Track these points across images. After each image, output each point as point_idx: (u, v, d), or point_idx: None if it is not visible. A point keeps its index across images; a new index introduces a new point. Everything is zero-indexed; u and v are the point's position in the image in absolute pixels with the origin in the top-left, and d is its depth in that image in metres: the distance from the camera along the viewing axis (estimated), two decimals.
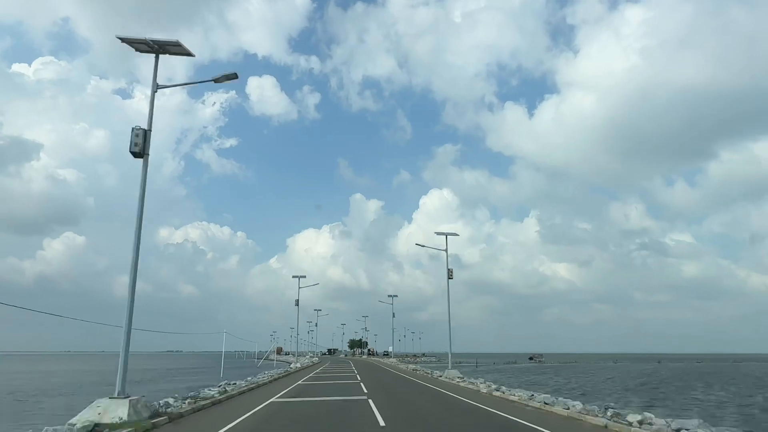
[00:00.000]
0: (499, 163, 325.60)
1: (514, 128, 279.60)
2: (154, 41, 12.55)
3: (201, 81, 14.76)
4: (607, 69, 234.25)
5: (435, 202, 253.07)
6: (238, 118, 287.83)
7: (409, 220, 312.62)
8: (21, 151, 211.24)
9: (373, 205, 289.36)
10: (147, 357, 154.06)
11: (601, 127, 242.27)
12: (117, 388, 11.07)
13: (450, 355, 31.88)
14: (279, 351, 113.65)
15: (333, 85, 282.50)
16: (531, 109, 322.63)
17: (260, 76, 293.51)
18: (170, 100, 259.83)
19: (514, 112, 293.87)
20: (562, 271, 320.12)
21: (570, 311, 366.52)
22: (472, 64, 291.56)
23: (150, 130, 12.49)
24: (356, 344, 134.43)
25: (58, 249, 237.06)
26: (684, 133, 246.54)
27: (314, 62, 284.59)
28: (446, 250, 31.46)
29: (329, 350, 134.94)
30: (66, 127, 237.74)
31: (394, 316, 65.64)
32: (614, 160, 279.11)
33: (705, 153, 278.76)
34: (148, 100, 12.93)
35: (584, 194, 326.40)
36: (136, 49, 12.95)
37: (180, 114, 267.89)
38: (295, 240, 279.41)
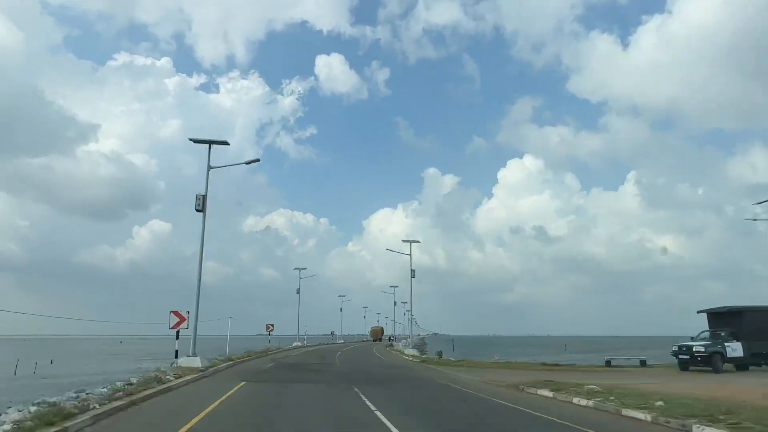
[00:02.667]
0: (587, 114, 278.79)
1: (603, 65, 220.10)
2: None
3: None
4: None
5: (515, 174, 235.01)
6: (313, 104, 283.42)
7: (489, 195, 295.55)
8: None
9: (449, 181, 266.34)
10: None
11: (726, 39, 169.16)
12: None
13: None
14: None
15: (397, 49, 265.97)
16: (625, 36, 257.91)
17: (328, 54, 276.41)
18: (249, 93, 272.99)
19: (603, 42, 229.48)
20: (667, 244, 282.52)
21: (675, 289, 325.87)
22: None
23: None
24: None
25: (145, 236, 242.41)
26: None
27: (380, 32, 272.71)
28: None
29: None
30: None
31: None
32: (743, 84, 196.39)
33: None
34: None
35: (698, 142, 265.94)
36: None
37: (261, 105, 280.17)
38: (371, 221, 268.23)
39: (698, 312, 23.80)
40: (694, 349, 20.41)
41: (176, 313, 20.45)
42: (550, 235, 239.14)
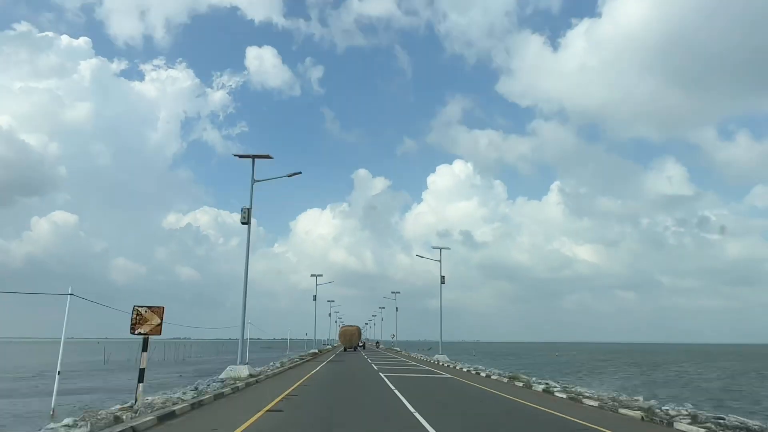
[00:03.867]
0: (515, 117, 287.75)
1: (533, 66, 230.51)
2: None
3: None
4: None
5: (445, 180, 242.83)
6: (244, 99, 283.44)
7: (419, 200, 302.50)
8: None
9: (380, 183, 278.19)
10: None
11: (654, 45, 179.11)
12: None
13: None
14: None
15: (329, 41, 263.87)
16: (555, 38, 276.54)
17: (260, 46, 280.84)
18: (176, 84, 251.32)
19: (533, 43, 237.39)
20: (586, 254, 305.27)
21: (591, 298, 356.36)
22: None
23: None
24: None
25: (46, 228, 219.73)
26: None
27: (314, 26, 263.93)
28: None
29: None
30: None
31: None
32: (667, 91, 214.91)
33: None
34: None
35: (620, 151, 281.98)
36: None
37: (188, 98, 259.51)
38: (298, 222, 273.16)
39: None
40: None
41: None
42: (476, 240, 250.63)
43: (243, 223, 20.94)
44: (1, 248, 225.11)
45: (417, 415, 10.96)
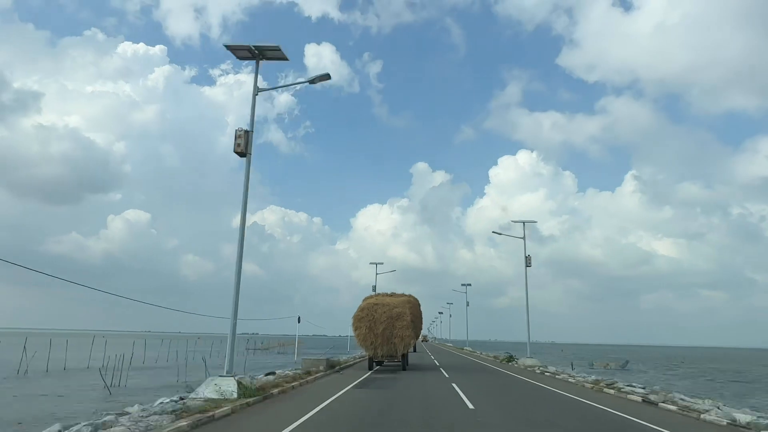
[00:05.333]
0: (582, 93, 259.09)
1: (600, 33, 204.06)
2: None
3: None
4: None
5: (508, 173, 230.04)
6: (308, 100, 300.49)
7: (481, 194, 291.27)
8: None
9: (439, 177, 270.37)
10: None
11: None
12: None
13: None
14: None
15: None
16: None
17: (318, 43, 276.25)
18: (243, 87, 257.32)
19: (601, 5, 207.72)
20: (666, 249, 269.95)
21: (672, 298, 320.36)
22: None
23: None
24: None
25: (120, 226, 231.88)
26: None
27: (371, 18, 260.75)
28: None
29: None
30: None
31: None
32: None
33: None
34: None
35: (708, 126, 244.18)
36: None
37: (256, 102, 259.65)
38: (358, 218, 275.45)
39: None
40: None
41: None
42: (543, 234, 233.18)
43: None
44: (82, 245, 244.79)
45: None
